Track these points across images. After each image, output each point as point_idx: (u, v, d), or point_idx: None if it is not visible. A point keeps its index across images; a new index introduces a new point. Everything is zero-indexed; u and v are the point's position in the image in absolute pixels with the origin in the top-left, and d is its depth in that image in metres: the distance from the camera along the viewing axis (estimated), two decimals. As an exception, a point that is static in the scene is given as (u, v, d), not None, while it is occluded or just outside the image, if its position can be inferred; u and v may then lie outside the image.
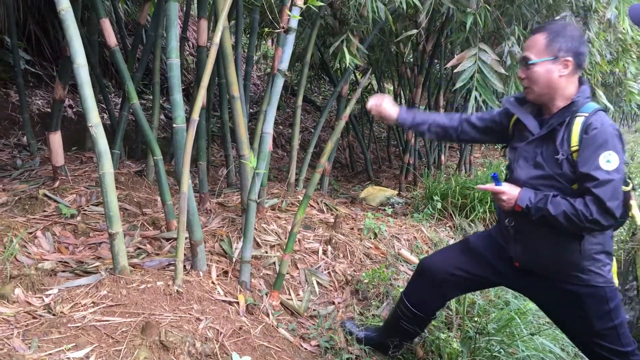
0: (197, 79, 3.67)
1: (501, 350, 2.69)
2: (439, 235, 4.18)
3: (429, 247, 3.94)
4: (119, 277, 2.30)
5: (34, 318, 2.04)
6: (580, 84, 2.04)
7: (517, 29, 3.96)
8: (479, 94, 3.59)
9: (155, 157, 2.97)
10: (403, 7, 3.30)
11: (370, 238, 3.68)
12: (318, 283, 3.03)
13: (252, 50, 4.05)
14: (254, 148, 3.34)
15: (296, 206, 3.67)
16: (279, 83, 2.56)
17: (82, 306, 2.12)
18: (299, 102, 4.10)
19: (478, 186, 2.20)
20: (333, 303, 2.95)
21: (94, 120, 2.17)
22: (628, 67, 5.67)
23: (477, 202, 4.60)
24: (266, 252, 3.06)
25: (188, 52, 6.89)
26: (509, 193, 2.03)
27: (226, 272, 2.72)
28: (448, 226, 4.43)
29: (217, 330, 2.23)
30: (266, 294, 2.71)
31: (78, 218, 2.98)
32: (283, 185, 4.14)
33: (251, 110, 6.84)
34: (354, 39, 3.68)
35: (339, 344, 2.59)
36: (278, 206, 3.67)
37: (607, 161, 1.85)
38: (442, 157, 6.38)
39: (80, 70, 2.13)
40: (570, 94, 2.02)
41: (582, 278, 2.04)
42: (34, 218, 2.88)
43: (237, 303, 2.50)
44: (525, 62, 2.03)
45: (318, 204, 4.00)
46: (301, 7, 2.43)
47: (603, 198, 1.83)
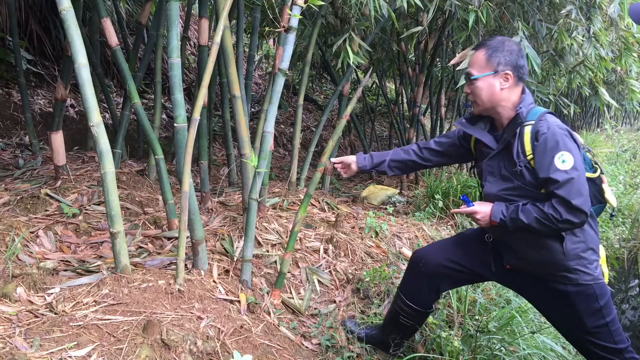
0: (199, 78, 3.67)
1: (502, 348, 2.69)
2: (441, 233, 4.18)
3: (431, 246, 3.93)
4: (121, 276, 2.30)
5: (36, 317, 2.05)
6: (521, 93, 2.13)
7: (521, 24, 3.96)
8: None
9: (156, 157, 2.98)
10: (404, 6, 3.30)
11: (371, 237, 3.68)
12: (319, 282, 3.03)
13: (254, 49, 4.06)
14: (255, 147, 3.35)
15: (297, 205, 3.68)
16: (280, 82, 2.56)
17: (84, 305, 2.13)
18: (300, 101, 4.10)
19: (452, 210, 2.35)
20: (334, 302, 2.96)
21: (95, 119, 2.18)
22: (630, 66, 5.66)
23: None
24: (267, 251, 3.07)
25: (189, 52, 6.89)
26: (482, 212, 2.12)
27: (227, 271, 2.73)
28: (449, 225, 4.43)
29: (219, 328, 2.24)
30: (267, 293, 2.72)
31: (80, 217, 2.99)
32: (284, 184, 4.14)
33: (253, 109, 6.85)
34: (357, 38, 3.68)
35: (340, 343, 2.59)
36: (279, 205, 3.68)
37: (563, 161, 1.92)
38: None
39: (81, 69, 2.14)
40: (514, 105, 2.11)
41: (570, 277, 2.07)
42: (36, 217, 2.90)
43: (239, 302, 2.51)
44: (468, 78, 2.14)
45: (319, 203, 4.00)
46: (302, 6, 2.43)
47: (567, 198, 1.90)
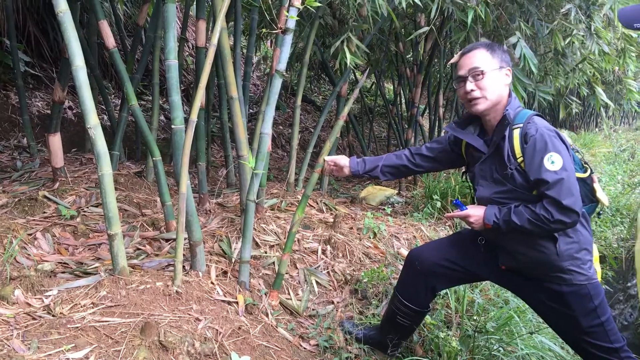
0: (196, 80, 3.68)
1: (500, 348, 2.69)
2: (439, 234, 4.18)
3: (429, 246, 3.94)
4: (119, 278, 2.30)
5: (34, 319, 2.05)
6: (508, 96, 2.16)
7: (522, 24, 3.97)
8: None
9: (154, 158, 2.98)
10: (403, 6, 3.30)
11: (369, 237, 3.68)
12: (317, 283, 3.03)
13: (251, 50, 4.06)
14: (253, 148, 3.35)
15: (296, 206, 3.68)
16: (277, 84, 2.57)
17: (82, 307, 2.13)
18: (298, 102, 4.11)
19: (446, 215, 2.34)
20: (332, 302, 2.96)
21: (93, 121, 2.18)
22: (628, 66, 5.67)
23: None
24: (265, 252, 3.07)
25: (188, 53, 6.89)
26: (475, 215, 2.14)
27: (225, 272, 2.73)
28: (447, 225, 4.43)
29: (216, 330, 2.24)
30: (265, 294, 2.72)
31: (78, 219, 2.99)
32: (283, 185, 4.15)
33: (251, 110, 6.85)
34: (354, 39, 3.68)
35: (338, 344, 2.60)
36: (277, 206, 3.68)
37: (552, 162, 1.94)
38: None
39: (78, 72, 2.14)
40: (503, 106, 2.13)
41: (564, 278, 2.09)
42: (34, 219, 2.90)
43: (236, 303, 2.51)
44: (476, 73, 2.11)
45: (317, 204, 4.01)
46: (299, 8, 2.43)
47: (558, 198, 1.92)
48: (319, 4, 2.51)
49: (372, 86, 8.79)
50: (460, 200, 2.24)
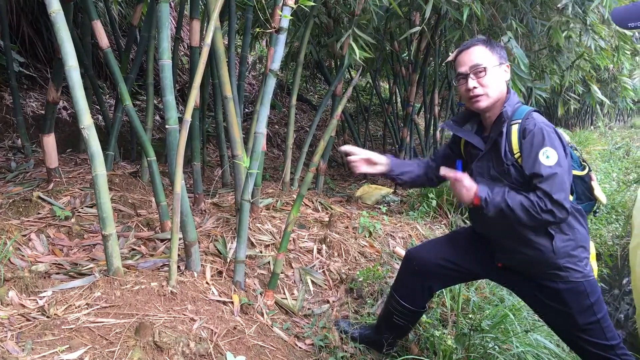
0: (191, 80, 3.67)
1: (496, 346, 2.69)
2: (434, 232, 4.19)
3: (424, 245, 3.94)
4: (113, 279, 2.30)
5: (28, 320, 2.05)
6: (507, 92, 2.15)
7: (515, 23, 3.97)
8: None
9: (149, 158, 2.98)
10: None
11: (365, 236, 3.69)
12: (312, 282, 3.03)
13: (246, 50, 4.05)
14: (248, 148, 3.35)
15: (291, 205, 3.68)
16: (271, 83, 2.56)
17: (76, 308, 2.13)
18: (293, 102, 4.11)
19: (441, 171, 2.18)
20: (328, 302, 2.96)
21: (86, 122, 2.18)
22: (623, 64, 5.70)
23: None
24: (261, 252, 3.07)
25: (183, 53, 6.88)
26: (469, 184, 2.07)
27: (220, 272, 2.73)
28: (443, 224, 4.44)
29: (212, 330, 2.23)
30: (261, 294, 2.72)
31: (72, 220, 2.99)
32: (278, 184, 4.14)
33: (247, 110, 6.84)
34: (360, 33, 3.65)
35: (334, 343, 2.59)
36: (273, 206, 3.68)
37: (547, 157, 1.94)
38: (438, 155, 6.38)
39: (71, 72, 2.13)
40: (502, 103, 2.12)
41: (560, 275, 2.09)
42: (28, 220, 2.89)
43: (232, 303, 2.51)
44: (478, 70, 2.09)
45: (313, 203, 4.01)
46: (292, 7, 2.43)
47: (549, 192, 1.91)
48: (313, 3, 2.51)
49: (367, 85, 8.80)
50: (462, 163, 2.21)
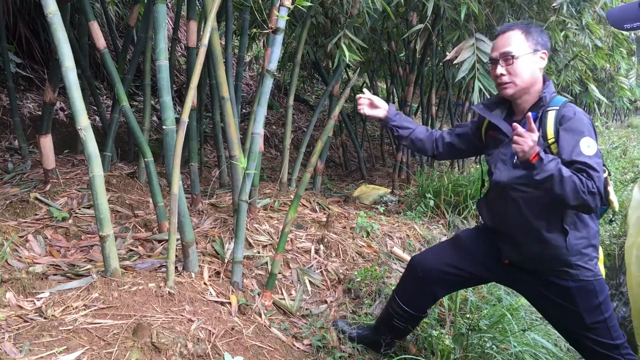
0: (188, 81, 3.67)
1: (493, 346, 2.70)
2: (432, 232, 4.19)
3: (422, 245, 3.95)
4: (111, 280, 2.30)
5: (25, 322, 2.04)
6: (544, 80, 2.12)
7: (512, 20, 3.98)
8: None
9: (146, 159, 2.98)
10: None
11: (362, 237, 3.69)
12: (310, 282, 3.03)
13: (243, 50, 4.05)
14: (246, 148, 3.35)
15: (288, 206, 3.68)
16: (268, 83, 2.56)
17: (74, 309, 2.13)
18: (291, 102, 4.11)
19: (514, 125, 1.93)
20: (325, 302, 2.96)
21: (83, 122, 2.17)
22: (619, 63, 5.71)
23: (470, 200, 4.62)
24: (258, 252, 3.07)
25: (180, 54, 6.87)
26: (532, 138, 1.88)
27: (218, 273, 2.73)
28: (440, 224, 4.44)
29: (209, 331, 2.23)
30: (258, 294, 2.72)
31: (69, 221, 2.98)
32: (276, 184, 4.14)
33: (244, 110, 6.84)
34: (351, 35, 3.66)
35: (332, 343, 2.60)
36: (270, 206, 3.68)
37: (588, 146, 1.91)
38: (435, 155, 6.39)
39: (68, 73, 2.13)
40: (539, 89, 2.10)
41: (571, 273, 2.07)
42: (25, 221, 2.88)
43: (229, 303, 2.51)
44: (507, 57, 2.08)
45: (310, 204, 4.01)
46: (289, 8, 2.43)
47: (594, 178, 1.86)
48: (310, 4, 2.51)
49: (365, 85, 8.79)
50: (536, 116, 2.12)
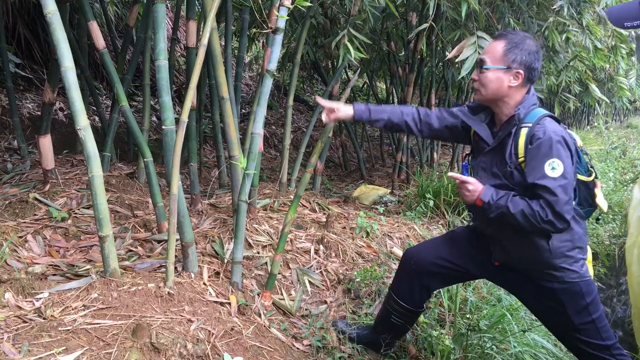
0: (187, 81, 3.67)
1: (493, 346, 2.70)
2: (432, 232, 4.19)
3: (422, 245, 3.94)
4: (110, 280, 2.29)
5: (25, 322, 2.04)
6: (525, 93, 2.11)
7: (512, 20, 3.98)
8: None
9: (145, 159, 2.97)
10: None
11: (362, 237, 3.68)
12: (310, 282, 3.03)
13: (243, 50, 4.05)
14: (245, 149, 3.35)
15: (288, 206, 3.67)
16: (268, 83, 2.56)
17: (73, 309, 2.12)
18: (290, 102, 4.11)
19: (450, 174, 2.23)
20: (325, 302, 2.96)
21: (83, 122, 2.17)
22: (619, 64, 5.71)
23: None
24: (258, 253, 3.06)
25: (179, 54, 6.87)
26: (475, 185, 2.08)
27: (218, 273, 2.72)
28: (440, 224, 4.44)
29: (209, 331, 2.23)
30: (258, 294, 2.71)
31: (69, 221, 2.98)
32: (275, 185, 4.14)
33: (243, 110, 6.84)
34: (355, 33, 3.65)
35: (332, 343, 2.59)
36: (270, 206, 3.68)
37: (552, 168, 1.93)
38: (435, 155, 6.41)
39: (68, 73, 2.13)
40: (516, 104, 2.10)
41: (556, 275, 2.09)
42: (25, 222, 2.88)
43: (229, 304, 2.51)
44: (480, 65, 2.11)
45: (310, 204, 4.00)
46: (289, 8, 2.43)
47: (552, 203, 1.91)
48: (310, 4, 2.51)
49: (364, 86, 8.80)
50: (469, 165, 2.22)
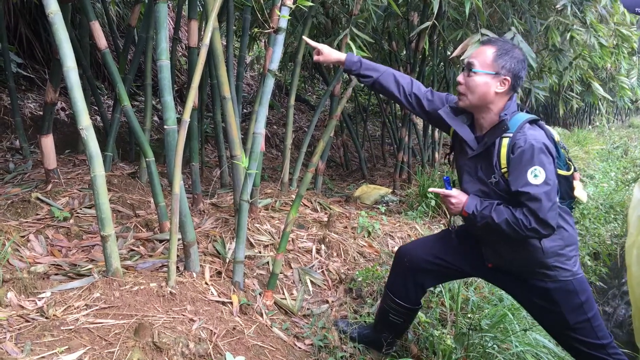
0: (189, 80, 3.67)
1: (495, 346, 2.70)
2: (433, 232, 4.19)
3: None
4: (112, 279, 2.30)
5: (27, 321, 2.04)
6: (505, 102, 2.11)
7: (516, 20, 3.98)
8: None
9: (147, 159, 2.98)
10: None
11: (364, 236, 3.69)
12: (312, 282, 3.03)
13: (244, 50, 4.05)
14: (247, 148, 3.35)
15: (290, 206, 3.67)
16: (270, 83, 2.56)
17: (75, 309, 2.13)
18: (292, 102, 4.11)
19: (430, 189, 2.29)
20: (327, 302, 2.96)
21: (85, 122, 2.17)
22: (620, 63, 5.71)
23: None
24: (260, 252, 3.07)
25: (181, 53, 6.88)
26: (458, 198, 2.13)
27: (219, 273, 2.73)
28: (442, 223, 4.44)
29: (211, 330, 2.23)
30: (260, 294, 2.71)
31: (71, 221, 2.98)
32: (277, 184, 4.14)
33: (245, 110, 6.84)
34: (358, 32, 3.65)
35: (333, 343, 2.60)
36: (271, 206, 3.68)
37: (535, 176, 1.95)
38: (436, 155, 6.41)
39: (70, 73, 2.13)
40: (499, 111, 2.09)
41: (549, 274, 2.11)
42: (27, 221, 2.88)
43: (231, 303, 2.51)
44: (469, 68, 2.09)
45: (312, 203, 4.01)
46: (290, 7, 2.43)
47: (536, 210, 1.94)
48: (311, 4, 2.51)
49: (364, 85, 8.79)
50: (450, 179, 2.23)
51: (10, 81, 3.89)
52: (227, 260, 2.82)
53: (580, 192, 2.15)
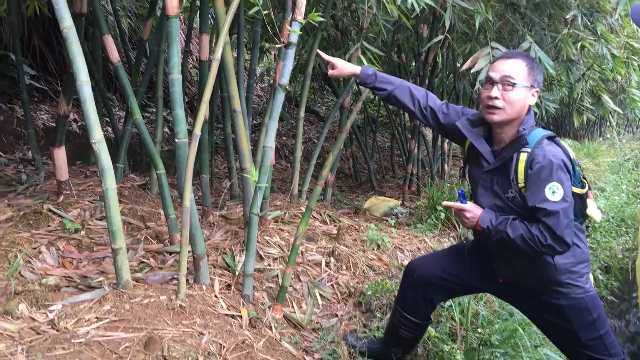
0: (200, 94, 3.70)
1: (505, 362, 2.68)
2: (443, 245, 4.17)
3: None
4: (122, 292, 2.31)
5: (38, 334, 2.05)
6: (526, 114, 2.10)
7: (527, 32, 3.98)
8: None
9: (158, 171, 2.99)
10: (415, 7, 3.20)
11: (373, 249, 3.68)
12: (321, 295, 3.03)
13: (255, 63, 4.08)
14: (257, 161, 3.36)
15: (299, 218, 3.68)
16: (280, 97, 2.58)
17: (86, 321, 2.13)
18: (301, 114, 4.12)
19: (444, 203, 2.29)
20: (336, 315, 2.95)
21: (97, 136, 2.19)
22: (631, 76, 5.68)
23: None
24: (269, 265, 3.07)
25: (192, 65, 6.93)
26: (473, 212, 2.12)
27: (229, 286, 2.73)
28: (451, 236, 4.42)
29: (220, 344, 2.23)
30: (269, 307, 2.71)
31: (82, 232, 3.00)
32: (286, 196, 4.15)
33: (255, 121, 6.87)
34: (369, 45, 3.66)
35: (342, 357, 2.59)
36: (281, 218, 3.68)
37: (553, 192, 1.94)
38: (446, 167, 6.39)
39: (83, 87, 2.15)
40: (519, 123, 2.09)
41: (562, 291, 2.09)
42: (39, 233, 2.90)
43: (240, 316, 2.51)
44: (507, 82, 2.04)
45: (321, 216, 4.01)
46: (301, 22, 2.45)
47: (552, 227, 1.93)
48: (322, 19, 2.52)
49: (376, 98, 8.81)
50: (464, 192, 2.21)
51: (23, 93, 3.93)
52: (237, 273, 2.83)
53: (593, 211, 2.13)
